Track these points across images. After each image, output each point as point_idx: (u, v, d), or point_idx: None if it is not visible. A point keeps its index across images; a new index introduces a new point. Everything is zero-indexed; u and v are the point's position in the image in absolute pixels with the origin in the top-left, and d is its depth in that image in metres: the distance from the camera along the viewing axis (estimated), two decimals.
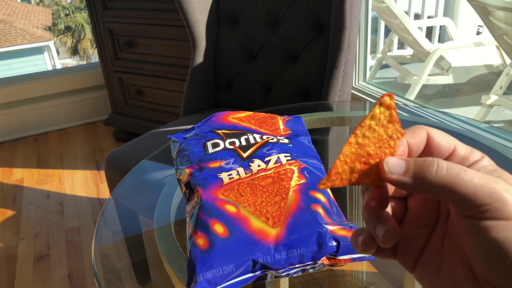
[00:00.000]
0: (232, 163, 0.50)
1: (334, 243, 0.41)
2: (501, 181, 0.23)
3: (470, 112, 2.14)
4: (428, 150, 0.27)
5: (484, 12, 1.82)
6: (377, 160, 0.25)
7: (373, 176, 0.26)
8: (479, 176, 0.23)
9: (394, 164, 0.25)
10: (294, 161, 0.50)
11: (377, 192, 0.26)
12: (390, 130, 0.26)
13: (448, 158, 0.27)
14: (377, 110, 0.26)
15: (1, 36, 9.11)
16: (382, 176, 0.25)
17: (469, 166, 0.26)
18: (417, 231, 0.28)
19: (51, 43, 9.70)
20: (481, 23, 2.14)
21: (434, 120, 1.06)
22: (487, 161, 0.26)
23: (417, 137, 0.27)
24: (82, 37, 12.17)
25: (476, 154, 0.26)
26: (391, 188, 0.28)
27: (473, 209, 0.23)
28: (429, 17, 2.69)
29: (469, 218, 0.23)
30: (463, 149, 0.26)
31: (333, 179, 0.25)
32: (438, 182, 0.23)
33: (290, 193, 0.45)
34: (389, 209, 0.28)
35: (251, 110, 0.67)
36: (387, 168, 0.25)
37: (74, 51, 12.13)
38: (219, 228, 0.41)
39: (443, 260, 0.27)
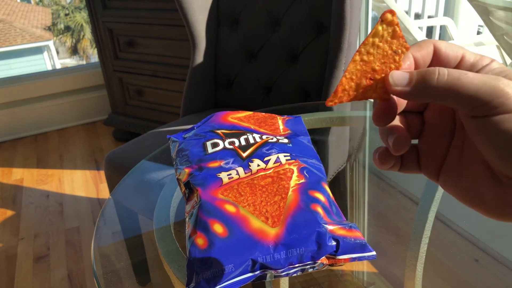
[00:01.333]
0: (232, 163, 0.50)
1: (334, 243, 0.41)
2: (502, 78, 0.24)
3: None
4: (436, 61, 0.27)
5: (484, 12, 1.82)
6: (383, 75, 0.26)
7: (379, 90, 0.26)
8: (479, 76, 0.24)
9: (398, 77, 0.26)
10: (293, 160, 0.50)
11: (383, 105, 0.27)
12: (394, 45, 0.26)
13: (456, 67, 0.27)
14: (379, 27, 0.26)
15: (1, 36, 9.11)
16: (387, 88, 0.26)
17: (477, 71, 0.26)
18: (437, 141, 0.29)
19: (50, 43, 9.71)
20: (482, 23, 2.14)
21: None
22: (496, 64, 0.27)
23: (423, 50, 0.27)
24: (81, 37, 12.18)
25: (485, 59, 0.27)
26: (402, 102, 0.29)
27: (477, 108, 0.24)
28: (429, 17, 2.70)
29: (476, 118, 0.24)
30: (471, 56, 0.27)
31: (341, 95, 0.26)
32: (440, 88, 0.24)
33: (290, 192, 0.45)
34: (398, 123, 0.30)
35: (251, 110, 0.67)
36: (392, 81, 0.26)
37: (74, 51, 12.14)
38: (218, 228, 0.41)
39: (464, 164, 0.28)
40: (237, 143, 0.53)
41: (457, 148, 0.28)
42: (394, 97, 0.28)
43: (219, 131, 0.57)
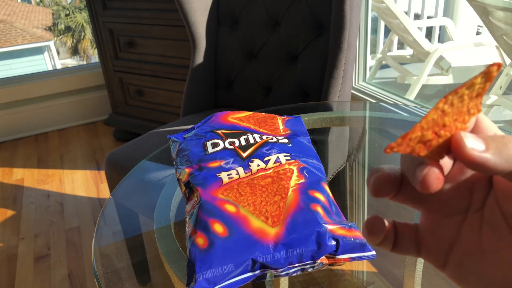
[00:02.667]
0: (232, 163, 0.50)
1: (333, 243, 0.41)
2: None
3: None
4: (475, 131, 0.25)
5: (484, 12, 1.82)
6: (447, 133, 0.23)
7: (435, 150, 0.23)
8: None
9: (473, 139, 0.22)
10: (293, 160, 0.50)
11: (435, 166, 0.23)
12: (472, 103, 0.23)
13: None
14: (478, 80, 0.22)
15: (1, 36, 9.11)
16: (458, 151, 0.22)
17: None
18: (445, 221, 0.26)
19: (51, 43, 9.71)
20: (481, 23, 2.14)
21: None
22: None
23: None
24: (82, 37, 12.18)
25: None
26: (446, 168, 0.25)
27: None
28: (429, 17, 2.70)
29: None
30: (503, 134, 0.25)
31: (403, 144, 0.22)
32: None
33: (290, 192, 0.45)
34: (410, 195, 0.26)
35: (251, 110, 0.67)
36: (468, 142, 0.22)
37: (74, 51, 12.14)
38: (218, 228, 0.42)
39: (490, 251, 0.24)
40: (237, 143, 0.53)
41: (473, 233, 0.25)
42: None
43: (219, 131, 0.57)
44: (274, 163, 0.49)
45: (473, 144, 0.22)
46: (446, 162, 0.24)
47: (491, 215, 0.24)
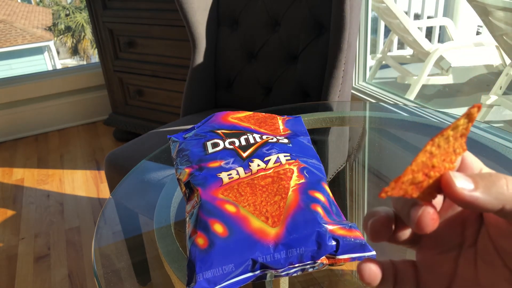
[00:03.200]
0: (232, 163, 0.50)
1: (334, 243, 0.41)
2: None
3: None
4: (462, 169, 0.26)
5: (484, 12, 1.82)
6: (437, 174, 0.23)
7: (427, 191, 0.24)
8: None
9: (461, 179, 0.23)
10: (293, 160, 0.50)
11: (427, 207, 0.23)
12: (457, 143, 0.24)
13: None
14: (461, 121, 0.23)
15: (2, 36, 9.11)
16: (448, 190, 0.23)
17: None
18: (439, 257, 0.26)
19: (51, 43, 9.71)
20: (481, 23, 2.14)
21: (434, 120, 1.06)
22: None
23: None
24: (82, 37, 12.18)
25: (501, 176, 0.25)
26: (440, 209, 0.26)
27: None
28: (429, 17, 2.70)
29: None
30: (487, 171, 0.26)
31: (396, 187, 0.23)
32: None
33: (290, 192, 0.45)
34: (405, 233, 0.26)
35: (251, 110, 0.67)
36: (458, 182, 0.22)
37: (74, 51, 12.14)
38: (218, 228, 0.42)
39: (484, 286, 0.25)
40: (237, 143, 0.53)
41: (469, 267, 0.25)
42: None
43: (219, 131, 0.57)
44: (274, 163, 0.49)
45: (462, 184, 0.22)
46: (437, 200, 0.25)
47: (484, 250, 0.25)
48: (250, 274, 0.40)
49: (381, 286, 0.26)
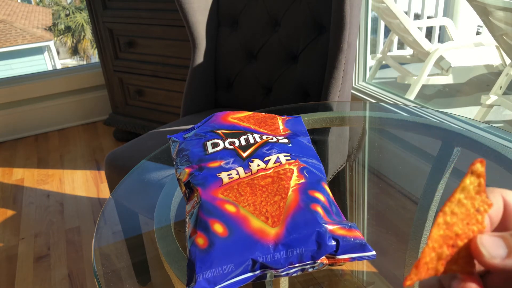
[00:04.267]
0: (232, 163, 0.50)
1: (334, 243, 0.41)
2: None
3: (470, 112, 2.14)
4: (506, 217, 0.23)
5: (484, 12, 1.82)
6: (465, 240, 0.21)
7: (461, 261, 0.21)
8: None
9: (492, 245, 0.20)
10: (293, 160, 0.50)
11: (469, 281, 0.21)
12: (477, 202, 0.22)
13: None
14: (467, 181, 0.22)
15: (1, 36, 9.11)
16: (479, 260, 0.21)
17: None
18: None
19: (51, 43, 9.71)
20: (481, 23, 2.14)
21: (434, 120, 1.06)
22: None
23: (494, 204, 0.23)
24: (82, 37, 12.18)
25: None
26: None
27: None
28: (429, 17, 2.69)
29: None
30: None
31: (420, 271, 0.21)
32: None
33: (290, 192, 0.45)
34: None
35: (251, 110, 0.67)
36: (486, 252, 0.20)
37: (74, 51, 12.14)
38: (218, 228, 0.42)
39: None
40: (237, 143, 0.53)
41: None
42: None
43: (219, 131, 0.57)
44: (274, 163, 0.49)
45: (492, 252, 0.20)
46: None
47: None
48: (250, 274, 0.40)
49: None
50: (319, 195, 0.45)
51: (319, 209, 0.43)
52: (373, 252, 0.42)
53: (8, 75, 3.15)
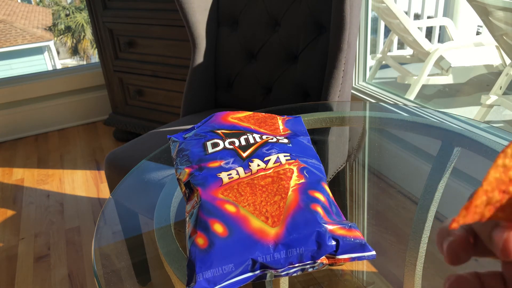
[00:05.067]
0: (232, 163, 0.50)
1: (334, 243, 0.41)
2: None
3: (470, 112, 2.14)
4: None
5: (484, 12, 1.82)
6: None
7: (509, 209, 0.20)
8: None
9: None
10: (293, 160, 0.50)
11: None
12: None
13: None
14: None
15: (1, 36, 9.11)
16: None
17: None
18: None
19: (51, 43, 9.71)
20: (481, 23, 2.14)
21: (434, 120, 1.06)
22: None
23: None
24: (82, 37, 12.18)
25: None
26: None
27: None
28: (429, 17, 2.70)
29: None
30: None
31: (469, 213, 0.20)
32: None
33: (290, 192, 0.45)
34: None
35: (251, 110, 0.67)
36: None
37: (74, 51, 12.14)
38: (218, 228, 0.42)
39: None
40: (237, 143, 0.53)
41: None
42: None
43: (219, 131, 0.57)
44: (274, 163, 0.49)
45: None
46: None
47: None
48: (250, 274, 0.40)
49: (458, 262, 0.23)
50: (319, 195, 0.45)
51: (319, 209, 0.44)
52: (373, 252, 0.42)
53: (8, 75, 3.15)
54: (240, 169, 0.49)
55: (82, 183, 1.94)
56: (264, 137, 0.55)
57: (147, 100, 2.09)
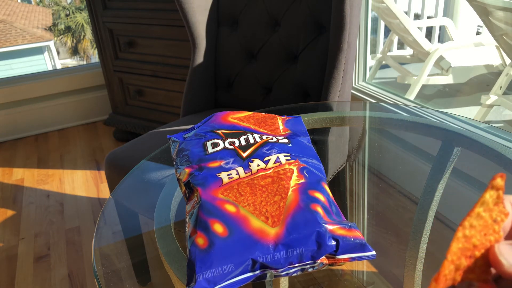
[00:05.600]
0: (232, 163, 0.50)
1: (334, 243, 0.41)
2: None
3: (470, 112, 2.14)
4: None
5: (484, 12, 1.82)
6: (482, 250, 0.22)
7: (478, 270, 0.22)
8: None
9: (511, 253, 0.21)
10: (293, 160, 0.50)
11: None
12: (494, 213, 0.23)
13: None
14: (487, 195, 0.22)
15: (1, 36, 9.11)
16: (498, 269, 0.21)
17: None
18: None
19: (51, 43, 9.71)
20: (481, 23, 2.14)
21: (434, 120, 1.06)
22: None
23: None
24: (82, 37, 12.18)
25: None
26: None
27: None
28: (429, 17, 2.70)
29: None
30: None
31: (440, 283, 0.22)
32: None
33: (290, 192, 0.45)
34: None
35: (251, 110, 0.67)
36: (505, 261, 0.21)
37: (74, 51, 12.14)
38: (218, 228, 0.42)
39: None
40: (237, 143, 0.53)
41: None
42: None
43: (219, 131, 0.57)
44: (274, 163, 0.49)
45: (511, 260, 0.21)
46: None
47: None
48: (250, 274, 0.40)
49: None
50: (319, 195, 0.45)
51: (319, 209, 0.43)
52: (373, 252, 0.42)
53: (8, 75, 3.15)
54: (240, 169, 0.49)
55: (82, 183, 1.94)
56: (264, 137, 0.55)
57: (147, 100, 2.09)
